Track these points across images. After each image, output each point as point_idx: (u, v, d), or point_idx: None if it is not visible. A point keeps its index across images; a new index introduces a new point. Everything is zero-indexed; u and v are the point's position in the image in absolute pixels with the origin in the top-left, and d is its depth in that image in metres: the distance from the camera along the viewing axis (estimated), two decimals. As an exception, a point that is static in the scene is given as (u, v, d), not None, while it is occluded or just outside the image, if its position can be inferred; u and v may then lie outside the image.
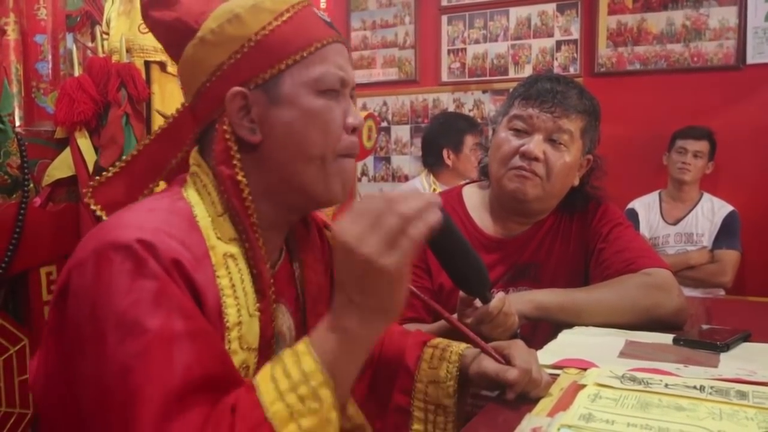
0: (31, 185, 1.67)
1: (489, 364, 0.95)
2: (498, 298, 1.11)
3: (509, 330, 1.14)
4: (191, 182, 0.86)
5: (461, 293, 1.13)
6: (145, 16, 0.90)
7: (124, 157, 0.92)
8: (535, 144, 1.33)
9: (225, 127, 0.83)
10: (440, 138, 2.96)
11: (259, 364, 0.79)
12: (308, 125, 0.83)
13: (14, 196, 1.63)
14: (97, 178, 0.93)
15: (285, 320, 0.91)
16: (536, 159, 1.33)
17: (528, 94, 1.37)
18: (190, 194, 0.84)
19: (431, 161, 3.01)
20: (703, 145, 3.03)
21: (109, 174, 0.92)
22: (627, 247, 1.35)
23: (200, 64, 0.85)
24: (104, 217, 0.88)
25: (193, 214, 0.81)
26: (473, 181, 1.57)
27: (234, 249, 0.82)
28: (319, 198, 0.87)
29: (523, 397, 0.90)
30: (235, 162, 0.82)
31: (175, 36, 0.88)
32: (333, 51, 0.86)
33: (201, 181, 0.85)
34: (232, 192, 0.82)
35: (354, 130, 0.87)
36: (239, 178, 0.82)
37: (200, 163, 0.86)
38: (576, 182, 1.41)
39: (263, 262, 0.83)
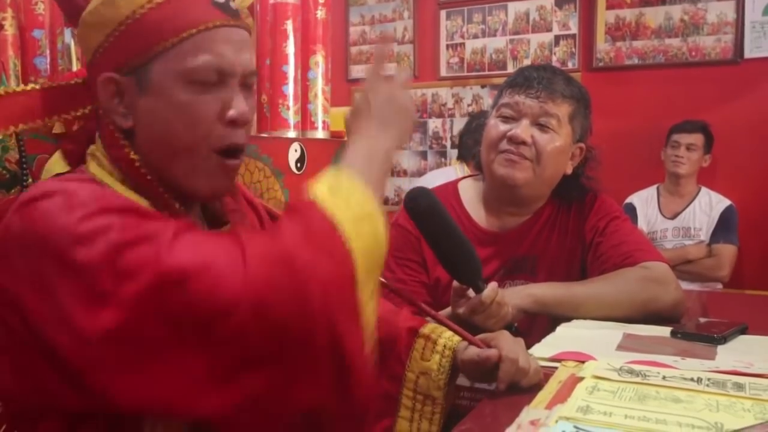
0: (30, 180, 1.67)
1: (472, 351, 0.96)
2: (491, 287, 1.11)
3: (502, 320, 1.14)
4: (91, 162, 0.84)
5: (455, 283, 1.14)
6: None
7: (11, 86, 0.92)
8: (522, 128, 1.33)
9: (101, 112, 0.83)
10: (473, 134, 3.01)
11: None
12: (172, 118, 0.80)
13: (13, 191, 1.63)
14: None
15: None
16: (524, 143, 1.32)
17: (515, 82, 1.38)
18: (96, 171, 0.83)
19: (464, 153, 3.06)
20: (696, 138, 3.03)
21: (18, 89, 0.90)
22: (624, 240, 1.35)
23: (84, 43, 0.85)
24: None
25: (110, 187, 0.81)
26: (469, 176, 1.57)
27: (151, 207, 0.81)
28: (190, 192, 0.84)
29: (515, 387, 0.91)
30: (122, 143, 0.81)
31: (67, 9, 0.87)
32: (215, 37, 0.80)
33: (99, 161, 0.84)
34: (130, 171, 0.81)
35: (234, 122, 0.82)
36: (132, 156, 0.81)
37: (96, 142, 0.86)
38: (569, 170, 1.41)
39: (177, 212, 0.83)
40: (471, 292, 1.12)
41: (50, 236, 0.68)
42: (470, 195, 1.49)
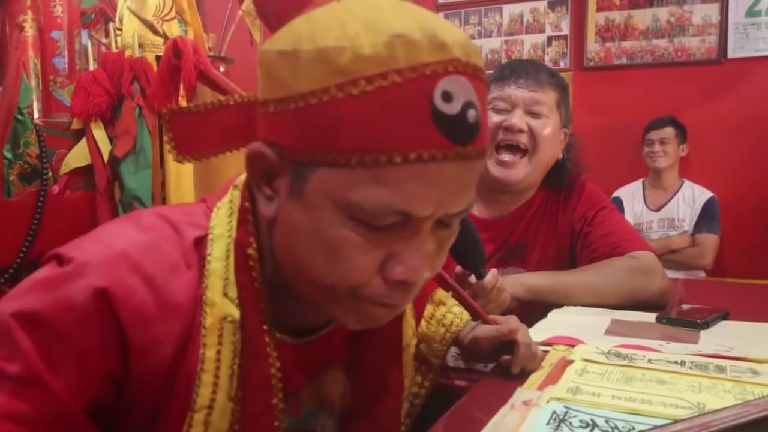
0: (50, 174, 1.67)
1: (489, 328, 0.90)
2: (492, 273, 1.11)
3: (501, 306, 1.14)
4: (227, 203, 0.63)
5: (457, 268, 1.13)
6: None
7: (213, 102, 0.63)
8: (518, 117, 1.32)
9: (241, 187, 0.62)
10: None
11: None
12: (316, 248, 0.55)
13: (33, 184, 1.63)
14: (178, 106, 0.67)
15: (336, 386, 0.74)
16: (521, 130, 1.32)
17: (502, 75, 1.38)
18: (218, 221, 0.62)
19: None
20: (667, 132, 3.04)
21: (192, 107, 0.63)
22: (613, 230, 1.34)
23: (265, 78, 0.56)
24: (173, 149, 0.63)
25: (201, 252, 0.61)
26: None
27: (237, 313, 0.60)
28: (330, 318, 0.67)
29: (521, 371, 0.90)
30: (249, 228, 0.61)
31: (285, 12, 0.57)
32: (423, 172, 0.50)
33: (234, 203, 0.62)
34: (239, 262, 0.60)
35: (398, 283, 0.55)
36: (249, 251, 0.60)
37: (240, 187, 0.63)
38: (560, 155, 1.40)
39: (264, 356, 0.61)
40: (473, 278, 1.12)
41: None
42: None
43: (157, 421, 0.59)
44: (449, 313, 0.94)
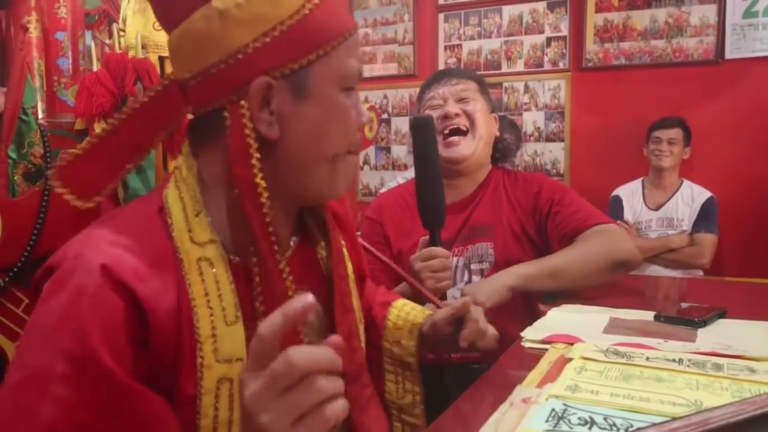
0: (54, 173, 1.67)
1: (445, 310, 1.01)
2: (444, 249, 1.23)
3: (440, 282, 1.21)
4: (173, 180, 0.74)
5: (421, 238, 1.26)
6: None
7: (98, 133, 0.72)
8: (451, 106, 1.52)
9: (244, 121, 0.68)
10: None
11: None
12: (332, 123, 0.73)
13: (38, 183, 1.63)
14: (63, 157, 0.72)
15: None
16: (456, 114, 1.50)
17: (429, 82, 1.61)
18: (170, 193, 0.73)
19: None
20: (676, 133, 3.04)
21: (78, 151, 0.71)
22: (580, 208, 1.46)
23: (215, 40, 0.68)
24: (72, 201, 0.71)
25: (161, 216, 0.71)
26: None
27: (211, 252, 0.70)
28: (324, 196, 0.79)
29: (473, 348, 0.99)
30: (253, 162, 0.68)
31: (180, 3, 0.70)
32: (356, 41, 0.75)
33: (182, 174, 0.73)
34: (248, 196, 0.68)
35: (362, 125, 0.79)
36: (257, 180, 0.67)
37: (187, 157, 0.74)
38: (498, 132, 1.59)
39: (278, 276, 0.69)
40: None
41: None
42: None
43: (177, 372, 0.67)
44: (411, 309, 1.06)
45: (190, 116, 0.76)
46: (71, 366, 0.60)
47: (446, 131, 1.51)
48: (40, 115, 1.76)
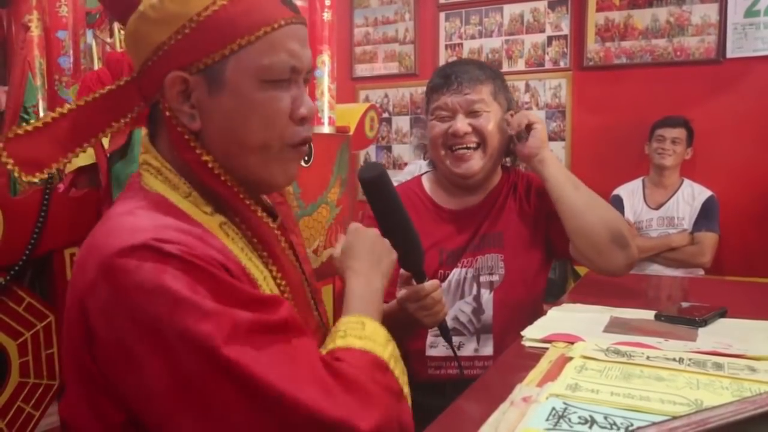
0: (55, 172, 1.67)
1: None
2: (432, 283, 1.11)
3: (434, 317, 1.12)
4: (146, 174, 0.78)
5: (401, 272, 1.13)
6: None
7: (50, 114, 0.77)
8: (460, 122, 1.39)
9: (167, 113, 0.75)
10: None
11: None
12: (248, 117, 0.74)
13: (39, 182, 1.64)
14: (13, 128, 0.77)
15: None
16: (466, 134, 1.39)
17: (437, 85, 1.44)
18: (155, 184, 0.76)
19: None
20: (679, 132, 3.03)
21: (28, 128, 0.76)
22: None
23: (142, 40, 0.75)
24: (16, 173, 0.75)
25: (169, 201, 0.75)
26: (426, 172, 1.61)
27: (221, 218, 0.76)
28: (265, 185, 0.81)
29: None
30: (192, 144, 0.74)
31: (117, 5, 0.77)
32: (286, 34, 0.75)
33: (155, 168, 0.77)
34: (204, 174, 0.75)
35: (303, 119, 0.79)
36: (204, 158, 0.74)
37: (149, 150, 0.78)
38: (512, 132, 1.43)
39: (263, 223, 0.79)
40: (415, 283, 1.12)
41: (145, 318, 0.63)
42: (431, 183, 1.54)
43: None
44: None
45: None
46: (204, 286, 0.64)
47: (453, 148, 1.41)
48: (42, 114, 1.76)
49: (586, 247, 1.32)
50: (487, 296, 1.39)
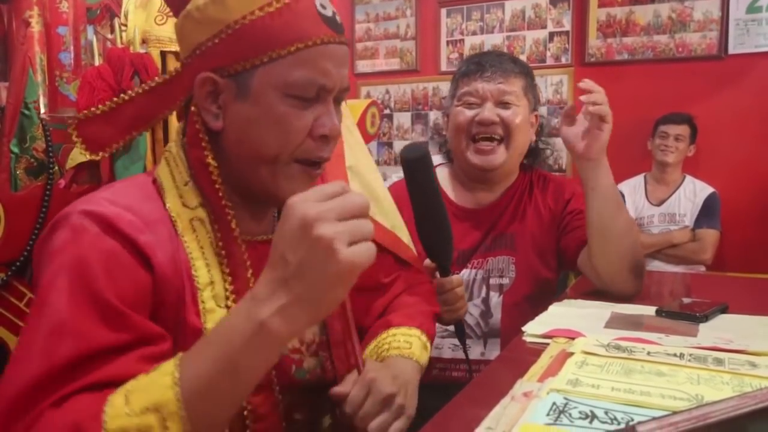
0: (56, 168, 1.67)
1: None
2: (457, 278, 1.10)
3: (455, 313, 1.11)
4: (164, 158, 0.83)
5: (426, 261, 1.13)
6: None
7: (115, 99, 0.84)
8: (489, 110, 1.36)
9: (193, 109, 0.79)
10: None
11: None
12: (266, 127, 0.76)
13: (40, 178, 1.63)
14: (84, 112, 0.85)
15: None
16: (493, 123, 1.35)
17: (469, 70, 1.40)
18: (161, 168, 0.81)
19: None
20: (683, 129, 3.03)
21: (97, 111, 0.84)
22: None
23: (185, 38, 0.80)
24: (82, 150, 0.84)
25: (155, 186, 0.79)
26: (440, 164, 1.55)
27: (201, 213, 0.78)
28: (270, 196, 0.81)
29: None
30: (203, 144, 0.78)
31: (173, 1, 0.83)
32: (321, 53, 0.76)
33: (171, 152, 0.82)
34: (200, 173, 0.78)
35: (323, 138, 0.78)
36: (208, 160, 0.78)
37: (176, 139, 0.84)
38: (534, 137, 1.42)
39: (230, 233, 0.78)
40: (438, 276, 1.11)
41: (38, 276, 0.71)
42: (444, 177, 1.49)
43: (183, 314, 0.73)
44: (391, 344, 0.96)
45: None
46: (69, 284, 0.66)
47: (478, 137, 1.37)
48: (42, 110, 1.76)
49: (605, 270, 1.24)
50: (496, 299, 1.36)
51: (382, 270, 1.04)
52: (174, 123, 1.50)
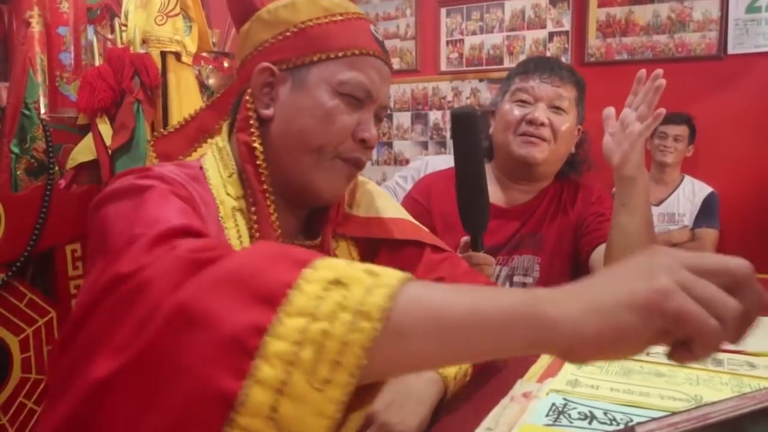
0: (56, 168, 1.67)
1: None
2: (485, 255, 1.11)
3: None
4: (210, 148, 0.87)
5: (463, 238, 1.14)
6: None
7: (185, 117, 0.95)
8: (540, 111, 1.36)
9: (247, 97, 0.84)
10: None
11: None
12: (315, 118, 0.81)
13: (40, 178, 1.64)
14: (161, 130, 0.97)
15: None
16: (542, 124, 1.35)
17: (527, 69, 1.41)
18: (207, 158, 0.85)
19: None
20: (682, 129, 3.03)
21: (171, 129, 0.94)
22: None
23: (250, 38, 0.86)
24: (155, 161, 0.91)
25: (202, 173, 0.82)
26: None
27: (242, 204, 0.82)
28: (309, 189, 0.83)
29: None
30: (252, 130, 0.82)
31: (239, 9, 0.89)
32: (369, 63, 0.84)
33: (218, 145, 0.86)
34: (246, 157, 0.82)
35: (363, 141, 0.83)
36: (255, 144, 0.82)
37: (222, 129, 0.89)
38: (573, 150, 1.43)
39: (268, 220, 0.81)
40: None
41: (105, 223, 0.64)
42: None
43: None
44: None
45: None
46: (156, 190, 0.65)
47: (525, 135, 1.37)
48: (43, 110, 1.76)
49: None
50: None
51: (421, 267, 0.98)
52: (174, 123, 1.50)
